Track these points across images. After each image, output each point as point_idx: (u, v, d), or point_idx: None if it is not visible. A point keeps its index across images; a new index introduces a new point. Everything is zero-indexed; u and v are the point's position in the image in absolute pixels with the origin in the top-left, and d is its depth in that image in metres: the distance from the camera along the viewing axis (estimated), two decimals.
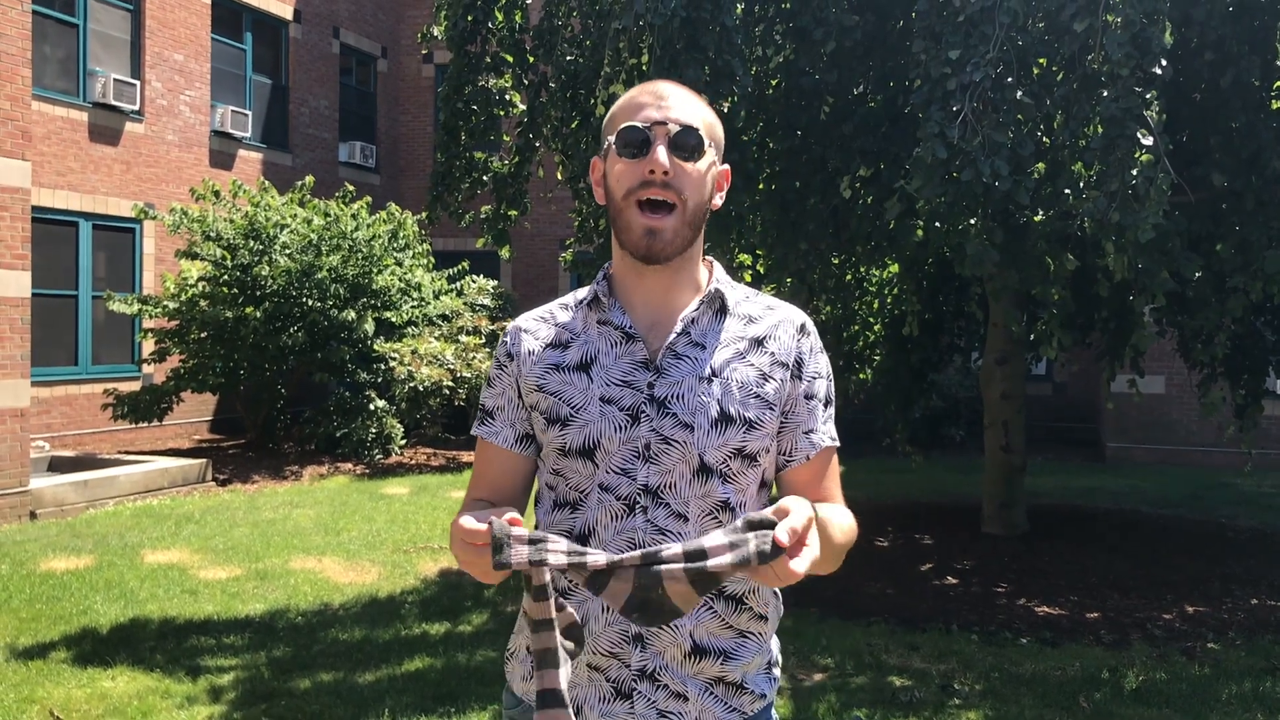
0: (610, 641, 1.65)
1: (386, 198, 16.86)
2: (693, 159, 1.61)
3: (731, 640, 1.67)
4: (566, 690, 1.39)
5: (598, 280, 1.73)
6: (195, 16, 14.33)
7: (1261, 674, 5.42)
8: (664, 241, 1.62)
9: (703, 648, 1.65)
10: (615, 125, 1.66)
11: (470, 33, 7.84)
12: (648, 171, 1.60)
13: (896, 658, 5.60)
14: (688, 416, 1.62)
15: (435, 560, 7.70)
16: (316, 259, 12.14)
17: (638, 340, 1.67)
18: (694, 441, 1.62)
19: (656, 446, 1.62)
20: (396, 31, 18.52)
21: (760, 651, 1.71)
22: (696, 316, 1.69)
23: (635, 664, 1.64)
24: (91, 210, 12.86)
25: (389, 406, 12.76)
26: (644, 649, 1.64)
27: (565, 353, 1.70)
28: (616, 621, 1.63)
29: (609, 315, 1.69)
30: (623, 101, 1.69)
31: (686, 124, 1.62)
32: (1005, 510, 8.72)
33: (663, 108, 1.62)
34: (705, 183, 1.65)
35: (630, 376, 1.65)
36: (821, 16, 6.71)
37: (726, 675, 1.67)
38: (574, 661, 1.53)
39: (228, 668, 5.31)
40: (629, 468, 1.63)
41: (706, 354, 1.66)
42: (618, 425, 1.63)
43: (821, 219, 7.12)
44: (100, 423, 12.77)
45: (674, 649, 1.64)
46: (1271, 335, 8.77)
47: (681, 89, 1.68)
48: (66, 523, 8.75)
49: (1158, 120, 5.55)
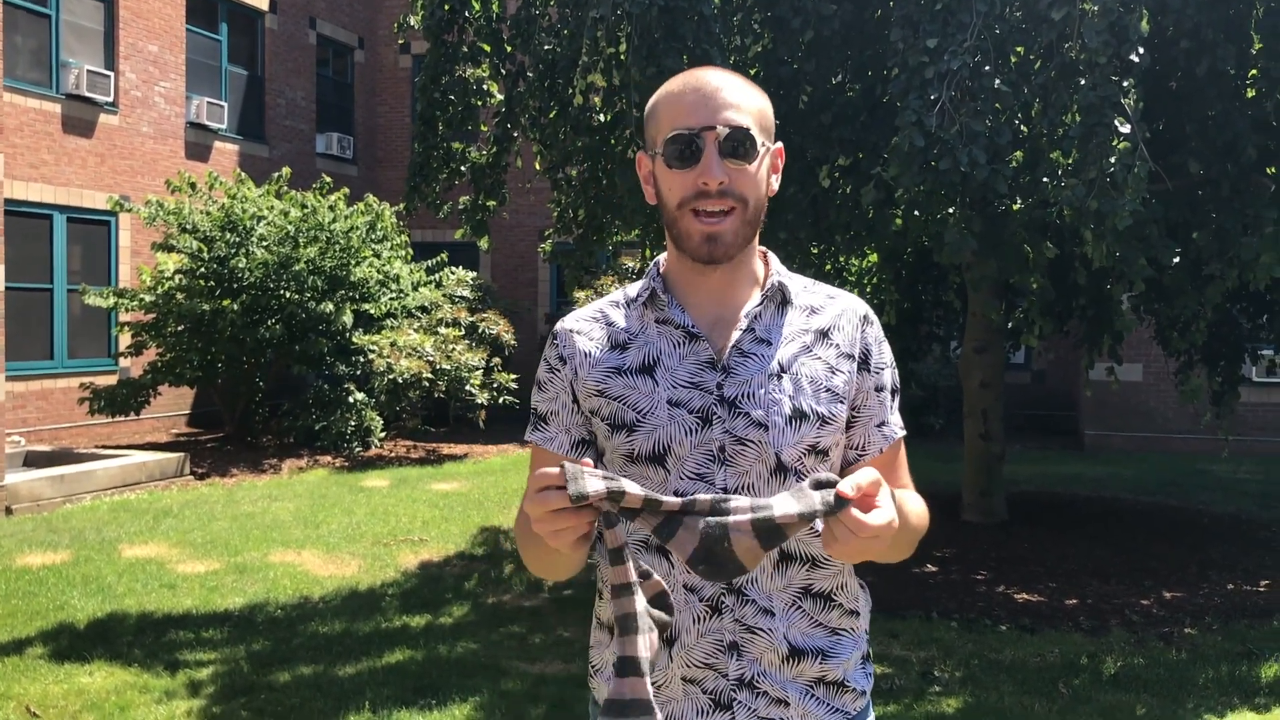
0: (704, 652, 1.60)
1: (364, 189, 16.77)
2: (748, 160, 1.54)
3: (826, 639, 1.63)
4: (647, 659, 1.33)
5: (652, 276, 1.66)
6: (170, 7, 14.21)
7: (1238, 658, 5.46)
8: (725, 244, 1.57)
9: (799, 649, 1.61)
10: (660, 126, 1.58)
11: (447, 22, 7.79)
12: (701, 183, 1.54)
13: (877, 646, 5.61)
14: (761, 415, 1.57)
15: (415, 553, 7.67)
16: (294, 251, 12.07)
17: (701, 339, 1.61)
18: (770, 440, 1.57)
19: (731, 448, 1.57)
20: (374, 22, 18.42)
21: (857, 647, 1.68)
22: (760, 311, 1.64)
23: (733, 673, 1.59)
24: (66, 203, 12.75)
25: (368, 399, 12.71)
26: (740, 657, 1.59)
27: (625, 355, 1.63)
28: (710, 632, 1.59)
29: (669, 314, 1.63)
30: (665, 97, 1.60)
31: (737, 124, 1.54)
32: (985, 498, 8.76)
33: (710, 107, 1.54)
34: (761, 178, 1.58)
35: (697, 377, 1.60)
36: (799, 5, 6.69)
37: (827, 675, 1.63)
38: (662, 639, 1.51)
39: (206, 662, 5.28)
40: (704, 471, 1.58)
41: (773, 350, 1.62)
42: (688, 429, 1.57)
43: (800, 208, 7.11)
44: (77, 417, 12.68)
45: (771, 654, 1.59)
46: (1247, 322, 8.82)
47: (728, 76, 1.59)
48: (43, 518, 8.69)
49: (1135, 108, 5.56)
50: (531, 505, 1.30)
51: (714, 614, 1.59)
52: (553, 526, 1.31)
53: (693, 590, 1.59)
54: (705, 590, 1.59)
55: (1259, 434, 12.85)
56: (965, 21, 5.81)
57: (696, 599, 1.59)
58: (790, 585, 1.61)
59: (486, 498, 9.92)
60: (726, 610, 1.59)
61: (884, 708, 4.74)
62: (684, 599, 1.60)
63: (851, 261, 9.32)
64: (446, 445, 13.55)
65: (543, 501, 1.29)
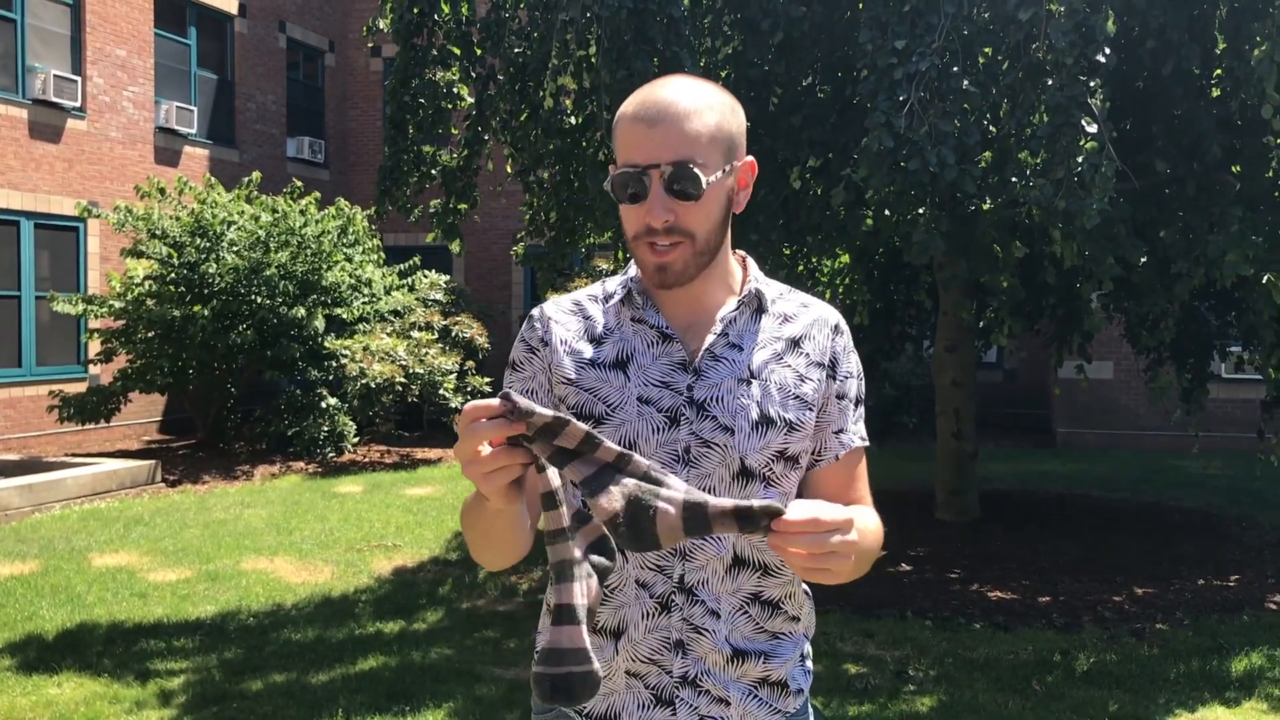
0: (650, 648, 1.62)
1: (336, 193, 16.69)
2: (692, 197, 1.53)
3: (768, 642, 1.66)
4: (584, 606, 1.30)
5: (629, 279, 1.68)
6: (137, 11, 14.10)
7: (1208, 653, 5.51)
8: (675, 273, 1.58)
9: (743, 651, 1.63)
10: (617, 146, 1.59)
11: (416, 25, 7.77)
12: (646, 223, 1.55)
13: (852, 645, 5.63)
14: (728, 419, 1.59)
15: (389, 558, 7.64)
16: (265, 256, 12.00)
17: (675, 341, 1.63)
18: (735, 445, 1.59)
19: (696, 450, 1.59)
20: (344, 25, 18.34)
21: (797, 647, 1.71)
22: (735, 317, 1.65)
23: (677, 671, 1.62)
24: (33, 209, 12.62)
25: (341, 404, 12.64)
26: (685, 655, 1.62)
27: (600, 349, 1.65)
28: (657, 629, 1.61)
29: (644, 315, 1.65)
30: (623, 117, 1.59)
31: (678, 160, 1.52)
32: (957, 497, 8.80)
33: (657, 141, 1.53)
34: (713, 209, 1.57)
35: (669, 378, 1.62)
36: (769, 7, 6.72)
37: (770, 675, 1.65)
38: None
39: (178, 671, 5.24)
40: (669, 471, 1.59)
41: (744, 355, 1.63)
42: (655, 427, 1.59)
43: (771, 210, 7.13)
44: (46, 425, 12.55)
45: (715, 654, 1.62)
46: (1215, 319, 8.91)
47: (686, 92, 1.56)
48: (11, 528, 8.59)
49: (1102, 108, 5.61)
50: (464, 439, 1.27)
51: (663, 611, 1.61)
52: (484, 468, 1.28)
53: (644, 586, 1.61)
54: (656, 587, 1.61)
55: (1228, 430, 12.96)
56: (933, 23, 5.84)
57: (647, 595, 1.61)
58: (740, 590, 1.63)
59: (461, 502, 9.84)
60: (675, 609, 1.61)
61: (859, 707, 4.75)
62: (634, 594, 1.62)
63: (824, 262, 9.34)
64: (420, 450, 13.50)
65: (473, 433, 1.26)
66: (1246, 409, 12.56)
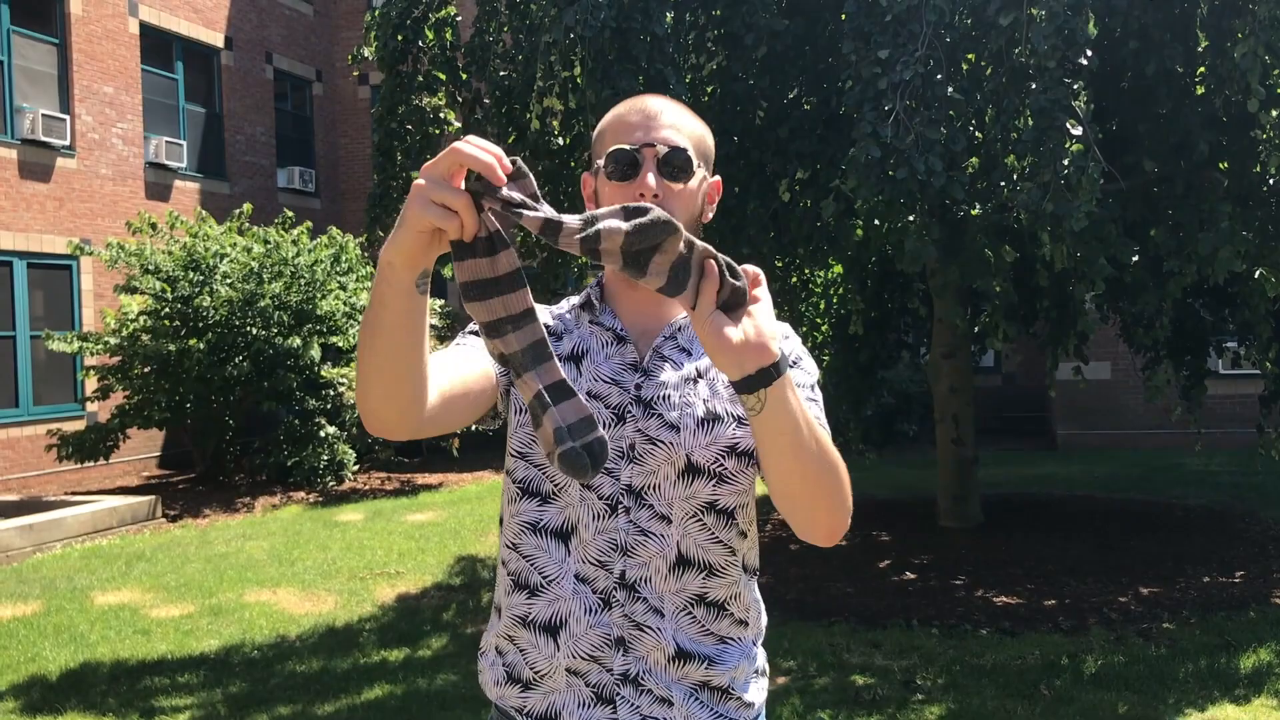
0: (591, 645, 1.62)
1: (328, 222, 16.70)
2: (681, 179, 1.63)
3: (714, 646, 1.66)
4: (570, 380, 1.27)
5: (591, 287, 1.76)
6: (124, 48, 14.13)
7: (1216, 651, 5.49)
8: None
9: (686, 652, 1.64)
10: (604, 145, 1.67)
11: (401, 52, 7.80)
12: (637, 195, 1.60)
13: (858, 656, 5.60)
14: (675, 417, 1.63)
15: (392, 586, 7.61)
16: (258, 287, 11.99)
17: (628, 342, 1.69)
18: (680, 442, 1.62)
19: (641, 447, 1.62)
20: (331, 54, 18.38)
21: (746, 658, 1.70)
22: (685, 324, 1.71)
23: (618, 669, 1.62)
24: (25, 249, 12.63)
25: (340, 432, 12.62)
26: (626, 653, 1.62)
27: (559, 343, 1.71)
28: (599, 625, 1.62)
29: (600, 318, 1.72)
30: (611, 119, 1.69)
31: (675, 144, 1.62)
32: (960, 503, 8.78)
33: (651, 128, 1.63)
34: (695, 200, 1.67)
35: (619, 376, 1.67)
36: (751, 22, 6.74)
37: (712, 680, 1.65)
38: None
39: (183, 707, 5.21)
40: (612, 466, 1.62)
41: (693, 358, 1.68)
42: (602, 422, 1.62)
43: (762, 223, 7.14)
44: (45, 464, 12.53)
45: (657, 653, 1.62)
46: (1210, 316, 8.91)
47: (670, 103, 1.69)
48: (12, 569, 8.56)
49: (1086, 110, 5.62)
50: (449, 154, 1.22)
51: (604, 607, 1.62)
52: (438, 194, 1.23)
53: (585, 581, 1.63)
54: (598, 582, 1.62)
55: (1228, 426, 12.95)
56: (915, 31, 5.86)
57: (588, 590, 1.62)
58: (684, 590, 1.64)
59: (462, 526, 9.86)
60: (616, 605, 1.62)
61: (868, 718, 4.73)
62: (573, 589, 1.63)
63: (816, 273, 9.36)
64: (421, 475, 13.48)
65: (465, 156, 1.22)
66: (1245, 404, 12.55)
